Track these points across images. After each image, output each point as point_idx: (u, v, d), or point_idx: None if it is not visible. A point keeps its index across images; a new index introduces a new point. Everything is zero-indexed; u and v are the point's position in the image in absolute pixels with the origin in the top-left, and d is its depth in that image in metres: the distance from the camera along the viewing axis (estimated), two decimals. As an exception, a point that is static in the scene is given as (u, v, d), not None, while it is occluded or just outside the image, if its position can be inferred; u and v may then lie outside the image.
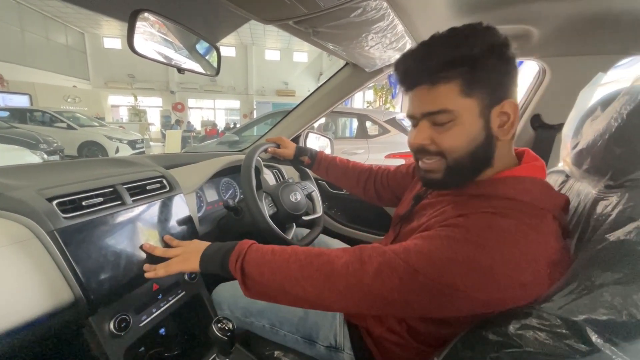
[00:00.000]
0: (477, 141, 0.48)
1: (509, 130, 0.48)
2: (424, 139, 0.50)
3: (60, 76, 11.41)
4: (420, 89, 0.48)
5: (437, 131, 0.49)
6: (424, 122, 0.50)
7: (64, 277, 0.52)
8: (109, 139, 7.13)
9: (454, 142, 0.48)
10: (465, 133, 0.47)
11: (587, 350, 0.35)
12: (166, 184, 0.77)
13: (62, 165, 0.79)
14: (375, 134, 3.57)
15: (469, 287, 0.41)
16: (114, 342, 0.58)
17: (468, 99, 0.46)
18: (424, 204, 0.60)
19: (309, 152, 1.01)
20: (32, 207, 0.52)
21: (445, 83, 0.46)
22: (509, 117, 0.47)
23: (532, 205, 0.45)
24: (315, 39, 0.74)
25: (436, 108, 0.47)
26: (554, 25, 0.73)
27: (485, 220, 0.44)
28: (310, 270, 0.48)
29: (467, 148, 0.48)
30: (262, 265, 0.52)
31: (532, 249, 0.42)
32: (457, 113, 0.46)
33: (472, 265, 0.41)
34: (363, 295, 0.45)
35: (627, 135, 0.45)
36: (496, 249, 0.41)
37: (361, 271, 0.45)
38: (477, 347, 0.43)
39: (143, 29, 0.54)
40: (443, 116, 0.47)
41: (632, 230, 0.38)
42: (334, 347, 0.65)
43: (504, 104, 0.47)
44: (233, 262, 0.54)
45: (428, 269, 0.42)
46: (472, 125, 0.47)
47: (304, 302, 0.50)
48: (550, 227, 0.44)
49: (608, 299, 0.36)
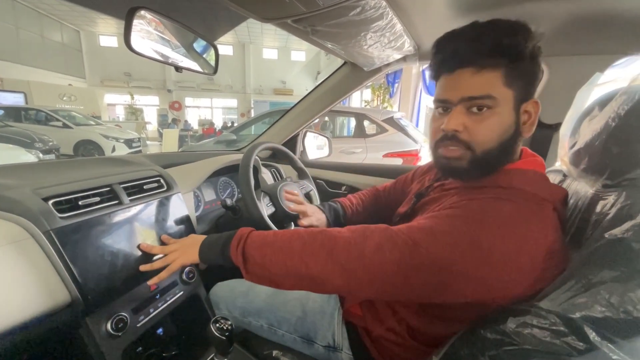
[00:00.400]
0: (508, 134, 0.48)
1: (530, 128, 0.50)
2: (458, 124, 0.48)
3: (55, 74, 11.30)
4: (464, 72, 0.47)
5: (472, 119, 0.47)
6: (459, 107, 0.48)
7: (60, 277, 0.52)
8: (106, 138, 7.09)
9: (488, 132, 0.47)
10: (500, 124, 0.47)
11: (585, 348, 0.35)
12: (164, 183, 0.76)
13: (59, 165, 0.78)
14: (373, 133, 3.57)
15: (468, 263, 0.41)
16: (111, 343, 0.57)
17: (509, 89, 0.46)
18: (426, 200, 0.60)
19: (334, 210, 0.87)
20: (28, 207, 0.51)
21: (491, 69, 0.46)
22: (531, 115, 0.49)
23: (534, 195, 0.46)
24: (314, 37, 0.73)
25: (480, 93, 0.46)
26: (552, 25, 0.73)
27: (488, 203, 0.45)
28: (313, 246, 0.49)
29: (499, 140, 0.48)
30: (264, 246, 0.52)
31: (532, 234, 0.42)
32: (498, 102, 0.46)
33: (472, 242, 0.41)
34: (364, 269, 0.45)
35: (625, 135, 0.45)
36: (496, 228, 0.42)
37: (363, 244, 0.46)
38: (476, 346, 0.43)
39: (140, 27, 0.54)
40: (484, 101, 0.46)
41: (630, 229, 0.39)
42: (332, 347, 0.65)
43: (529, 102, 0.49)
44: (234, 247, 0.54)
45: (429, 242, 0.43)
46: (507, 116, 0.47)
47: (306, 279, 0.49)
48: (550, 217, 0.45)
49: (605, 297, 0.36)
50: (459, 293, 0.44)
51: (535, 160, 0.52)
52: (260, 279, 0.53)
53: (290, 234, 0.53)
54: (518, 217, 0.43)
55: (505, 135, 0.48)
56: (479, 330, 0.44)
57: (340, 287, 0.49)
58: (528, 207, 0.44)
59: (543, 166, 0.53)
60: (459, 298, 0.45)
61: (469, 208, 0.45)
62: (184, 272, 0.75)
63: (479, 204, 0.46)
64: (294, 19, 0.65)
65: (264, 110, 7.31)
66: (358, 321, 0.65)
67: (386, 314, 0.60)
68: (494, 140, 0.48)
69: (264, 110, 5.52)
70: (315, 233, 0.51)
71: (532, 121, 0.50)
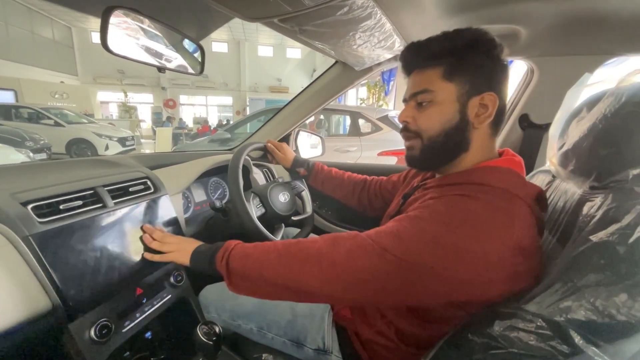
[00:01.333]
0: (451, 122, 0.52)
1: (485, 119, 0.52)
2: (407, 117, 0.56)
3: (46, 71, 11.09)
4: (414, 74, 0.56)
5: (418, 111, 0.55)
6: (411, 102, 0.56)
7: (40, 283, 0.50)
8: (99, 137, 7.00)
9: (429, 121, 0.53)
10: (440, 113, 0.52)
11: (570, 352, 0.35)
12: (150, 185, 0.75)
13: (41, 167, 0.76)
14: (368, 131, 3.56)
15: (437, 264, 0.42)
16: (96, 349, 0.56)
17: (448, 83, 0.52)
18: (410, 200, 0.60)
19: (306, 164, 1.02)
20: (5, 212, 0.50)
21: (431, 68, 0.53)
22: (488, 108, 0.51)
23: (504, 190, 0.47)
24: (302, 37, 0.72)
25: (419, 88, 0.54)
26: (542, 25, 0.73)
27: (453, 201, 0.46)
28: (287, 258, 0.51)
29: (441, 127, 0.53)
30: (245, 258, 0.54)
31: (496, 231, 0.42)
32: (436, 94, 0.52)
33: (438, 242, 0.42)
34: (337, 277, 0.46)
35: (612, 137, 0.45)
36: (460, 227, 0.43)
37: (333, 253, 0.48)
38: (463, 349, 0.43)
39: (119, 27, 0.52)
40: (423, 95, 0.53)
41: (615, 232, 0.38)
42: (322, 350, 0.65)
43: (484, 95, 0.51)
44: (219, 259, 0.56)
45: (396, 247, 0.44)
46: (447, 106, 0.52)
47: (284, 290, 0.51)
48: (520, 213, 0.45)
49: (590, 301, 0.36)
50: (435, 295, 0.44)
51: (513, 160, 0.54)
52: (242, 289, 0.55)
53: (268, 246, 0.55)
54: (483, 214, 0.44)
55: (448, 123, 0.52)
56: (466, 334, 0.44)
57: (317, 297, 0.50)
58: (494, 204, 0.45)
59: (521, 166, 0.54)
60: (437, 299, 0.45)
61: (434, 208, 0.47)
62: (172, 276, 0.74)
63: (444, 203, 0.47)
64: (281, 19, 0.64)
65: (259, 108, 7.26)
66: (348, 324, 0.65)
67: (375, 317, 0.60)
68: (436, 128, 0.53)
69: (259, 108, 5.49)
70: (289, 245, 0.53)
71: (488, 113, 0.51)
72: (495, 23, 0.72)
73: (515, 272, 0.43)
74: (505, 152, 0.56)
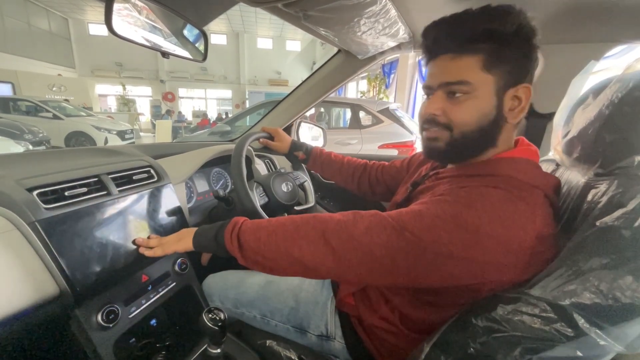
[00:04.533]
0: (487, 118, 0.48)
1: (519, 114, 0.49)
2: (437, 109, 0.50)
3: (44, 64, 10.96)
4: (444, 58, 0.49)
5: (450, 103, 0.49)
6: (439, 92, 0.50)
7: (47, 269, 0.51)
8: (97, 130, 6.96)
9: (465, 116, 0.48)
10: (478, 108, 0.48)
11: (574, 334, 0.36)
12: (154, 173, 0.75)
13: (45, 155, 0.76)
14: (368, 124, 3.55)
15: (455, 245, 0.41)
16: (103, 334, 0.57)
17: (488, 74, 0.47)
18: (421, 189, 0.60)
19: (304, 148, 1.00)
20: (11, 198, 0.50)
21: (469, 55, 0.47)
22: (521, 101, 0.49)
23: (524, 182, 0.46)
24: (306, 23, 0.71)
25: (456, 79, 0.48)
26: (548, 12, 0.72)
27: (477, 189, 0.46)
28: (306, 228, 0.50)
29: (477, 123, 0.48)
30: (258, 231, 0.52)
31: (520, 218, 0.42)
32: (475, 87, 0.47)
33: (459, 222, 0.42)
34: (353, 251, 0.46)
35: (618, 123, 0.45)
36: (484, 211, 0.42)
37: (353, 227, 0.47)
38: (466, 332, 0.44)
39: (123, 10, 0.52)
40: (460, 87, 0.48)
41: (620, 217, 0.39)
42: (326, 336, 0.66)
43: (519, 87, 0.48)
44: (229, 234, 0.54)
45: (416, 225, 0.44)
46: (486, 101, 0.48)
47: (298, 262, 0.49)
48: (539, 204, 0.45)
49: (595, 284, 0.36)
50: (448, 276, 0.44)
51: (529, 149, 0.53)
52: (254, 263, 0.53)
53: (284, 219, 0.53)
54: (506, 202, 0.43)
55: (485, 119, 0.48)
56: (469, 317, 0.44)
57: (332, 270, 0.48)
58: (516, 193, 0.44)
59: (537, 155, 0.53)
60: (449, 281, 0.45)
61: (457, 194, 0.46)
62: (177, 264, 0.75)
63: (467, 191, 0.46)
64: (285, 3, 0.63)
65: (259, 101, 7.21)
66: (351, 310, 0.65)
67: (379, 303, 0.60)
68: (472, 123, 0.48)
69: (259, 101, 5.46)
70: (307, 217, 0.52)
71: (521, 107, 0.49)
72: (501, 10, 0.70)
73: (531, 260, 0.43)
74: (520, 142, 0.54)
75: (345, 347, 0.64)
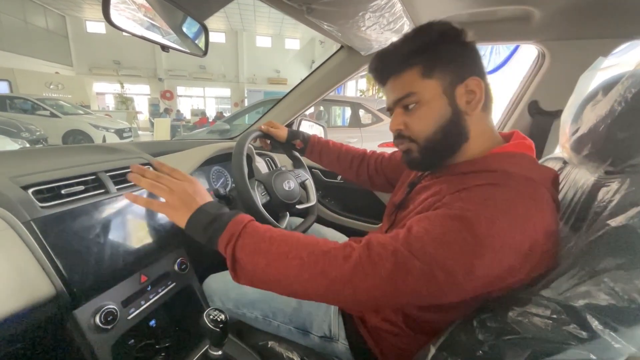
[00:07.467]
0: (445, 117, 0.51)
1: (477, 105, 0.51)
2: (398, 124, 0.55)
3: (41, 62, 10.89)
4: (390, 81, 0.55)
5: (408, 115, 0.53)
6: (397, 109, 0.55)
7: (43, 269, 0.49)
8: (95, 128, 6.92)
9: (422, 123, 0.52)
10: (431, 111, 0.51)
11: (587, 337, 0.35)
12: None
13: (41, 152, 0.74)
14: (368, 122, 3.55)
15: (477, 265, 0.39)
16: (101, 336, 0.56)
17: (429, 80, 0.51)
18: (418, 188, 0.59)
19: (302, 136, 0.99)
20: (6, 196, 0.48)
21: (408, 70, 0.52)
22: (476, 93, 0.51)
23: (524, 177, 0.45)
24: (310, 17, 0.70)
25: (403, 93, 0.53)
26: (554, 7, 0.71)
27: (482, 192, 0.44)
28: (314, 273, 0.43)
29: (436, 125, 0.51)
30: (257, 255, 0.46)
31: (531, 218, 0.41)
32: (421, 94, 0.51)
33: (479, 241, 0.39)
34: (373, 299, 0.43)
35: (631, 119, 0.44)
36: (495, 219, 0.40)
37: (372, 272, 0.42)
38: (475, 334, 0.42)
39: (121, 2, 0.50)
40: (409, 99, 0.52)
41: (635, 215, 0.37)
42: (329, 337, 0.64)
43: (467, 82, 0.51)
44: (223, 243, 0.48)
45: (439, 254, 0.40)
46: (436, 103, 0.51)
47: (302, 297, 0.47)
48: (544, 197, 0.44)
49: (610, 285, 0.35)
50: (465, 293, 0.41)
51: (524, 143, 0.52)
52: (250, 284, 0.49)
53: (288, 247, 0.46)
54: (515, 202, 0.42)
55: (442, 119, 0.51)
56: (478, 319, 0.43)
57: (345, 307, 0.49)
58: (522, 191, 0.43)
59: (532, 149, 0.53)
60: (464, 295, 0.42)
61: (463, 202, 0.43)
62: (177, 263, 0.74)
63: (473, 197, 0.43)
64: (288, -4, 0.61)
65: (258, 99, 7.19)
66: (354, 311, 0.64)
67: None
68: (431, 127, 0.52)
69: (258, 100, 5.44)
70: (317, 255, 0.45)
71: (478, 98, 0.51)
72: (507, 4, 0.69)
73: (541, 259, 0.42)
74: (514, 136, 0.55)
75: (348, 348, 0.63)
